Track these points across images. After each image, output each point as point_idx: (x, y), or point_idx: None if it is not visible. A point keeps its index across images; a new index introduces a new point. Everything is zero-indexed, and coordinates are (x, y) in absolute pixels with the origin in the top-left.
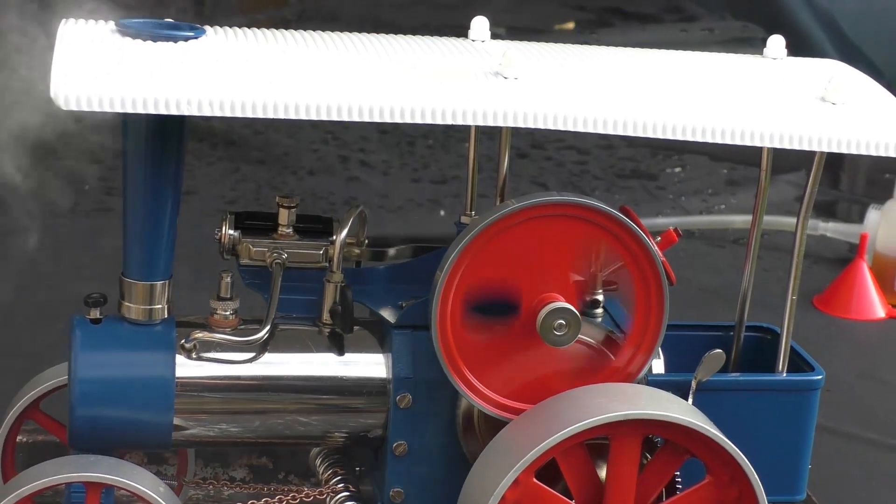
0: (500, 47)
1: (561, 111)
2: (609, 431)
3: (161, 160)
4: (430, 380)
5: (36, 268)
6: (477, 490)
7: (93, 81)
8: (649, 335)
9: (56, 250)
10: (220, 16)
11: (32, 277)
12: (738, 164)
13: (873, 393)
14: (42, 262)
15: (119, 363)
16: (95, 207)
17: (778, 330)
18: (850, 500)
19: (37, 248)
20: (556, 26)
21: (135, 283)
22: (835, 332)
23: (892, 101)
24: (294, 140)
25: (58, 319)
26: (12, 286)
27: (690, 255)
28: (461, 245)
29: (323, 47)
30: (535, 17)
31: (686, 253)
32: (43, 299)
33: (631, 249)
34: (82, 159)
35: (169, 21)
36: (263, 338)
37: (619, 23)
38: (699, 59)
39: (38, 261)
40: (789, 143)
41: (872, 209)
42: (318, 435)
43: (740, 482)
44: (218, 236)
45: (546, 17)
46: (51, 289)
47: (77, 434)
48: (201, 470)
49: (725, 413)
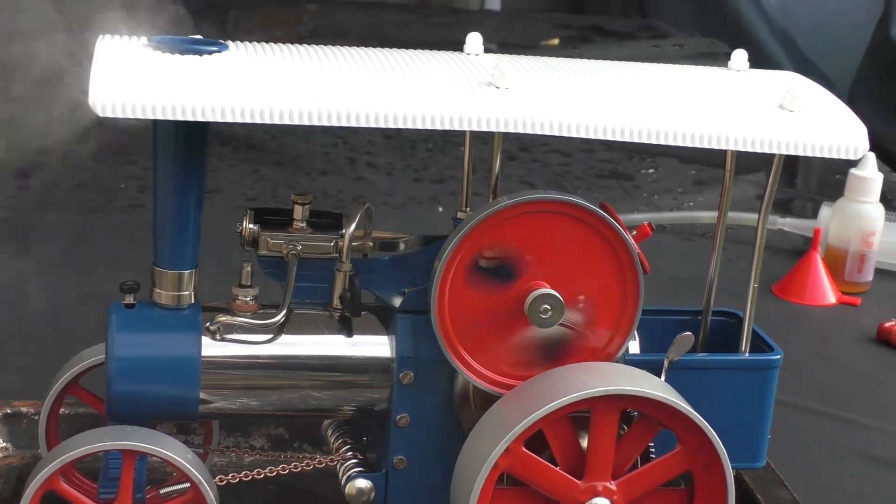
0: (492, 60)
1: (547, 118)
2: (590, 405)
3: (187, 161)
4: (429, 359)
5: (77, 258)
6: (472, 458)
7: (127, 91)
8: (626, 319)
9: (95, 242)
10: (241, 33)
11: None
12: (705, 166)
13: (825, 371)
14: (82, 253)
15: (151, 344)
16: (129, 204)
17: (741, 314)
18: (804, 466)
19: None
20: (543, 42)
21: (164, 271)
22: (791, 317)
23: (843, 108)
24: (307, 144)
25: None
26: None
27: (662, 247)
28: (457, 238)
29: (334, 60)
30: (523, 33)
31: (658, 245)
32: (82, 286)
33: (610, 242)
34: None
35: (195, 37)
36: (280, 321)
37: (599, 39)
38: (670, 72)
39: (79, 251)
40: (751, 146)
41: (825, 206)
42: (329, 408)
43: (707, 451)
44: (239, 230)
45: (533, 34)
46: (89, 276)
47: (114, 407)
48: (224, 439)
49: (694, 389)
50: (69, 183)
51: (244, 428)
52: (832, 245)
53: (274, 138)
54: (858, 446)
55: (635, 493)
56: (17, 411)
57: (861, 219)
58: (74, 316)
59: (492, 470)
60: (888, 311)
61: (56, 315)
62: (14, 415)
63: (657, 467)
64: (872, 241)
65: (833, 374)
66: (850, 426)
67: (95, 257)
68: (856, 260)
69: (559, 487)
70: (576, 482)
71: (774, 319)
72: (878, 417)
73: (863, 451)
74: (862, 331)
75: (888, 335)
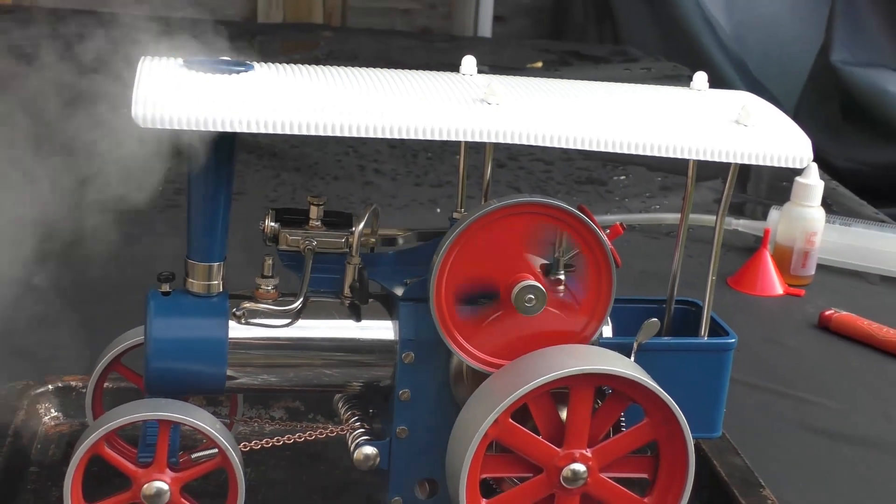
0: (485, 80)
1: (533, 131)
2: (569, 383)
3: (217, 166)
4: (428, 341)
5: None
6: (466, 428)
7: (165, 105)
8: (600, 306)
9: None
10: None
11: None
12: (669, 173)
13: (773, 353)
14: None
15: (184, 327)
16: (167, 204)
17: (700, 303)
18: (755, 436)
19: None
20: (528, 65)
21: (196, 263)
22: (744, 306)
23: (790, 123)
24: (322, 152)
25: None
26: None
27: (632, 244)
28: (453, 235)
29: (346, 80)
30: (511, 57)
31: (628, 243)
32: (123, 276)
33: (586, 239)
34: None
35: (225, 58)
36: (298, 308)
37: (577, 63)
38: (639, 91)
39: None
40: (710, 156)
41: (773, 209)
42: (339, 384)
43: (671, 423)
44: (262, 227)
45: (520, 57)
46: (131, 267)
47: (151, 382)
48: (248, 411)
49: (660, 368)
50: (116, 188)
51: (265, 401)
52: (780, 243)
53: (293, 147)
54: (801, 419)
55: (608, 459)
56: (67, 385)
57: (805, 221)
58: (117, 301)
59: (483, 439)
60: (828, 301)
61: (101, 301)
62: (64, 388)
63: (627, 437)
64: (815, 240)
65: (780, 356)
66: (794, 401)
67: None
68: (800, 256)
69: (541, 454)
70: (556, 449)
71: (729, 308)
72: (819, 394)
73: (805, 423)
74: (805, 318)
75: (828, 322)
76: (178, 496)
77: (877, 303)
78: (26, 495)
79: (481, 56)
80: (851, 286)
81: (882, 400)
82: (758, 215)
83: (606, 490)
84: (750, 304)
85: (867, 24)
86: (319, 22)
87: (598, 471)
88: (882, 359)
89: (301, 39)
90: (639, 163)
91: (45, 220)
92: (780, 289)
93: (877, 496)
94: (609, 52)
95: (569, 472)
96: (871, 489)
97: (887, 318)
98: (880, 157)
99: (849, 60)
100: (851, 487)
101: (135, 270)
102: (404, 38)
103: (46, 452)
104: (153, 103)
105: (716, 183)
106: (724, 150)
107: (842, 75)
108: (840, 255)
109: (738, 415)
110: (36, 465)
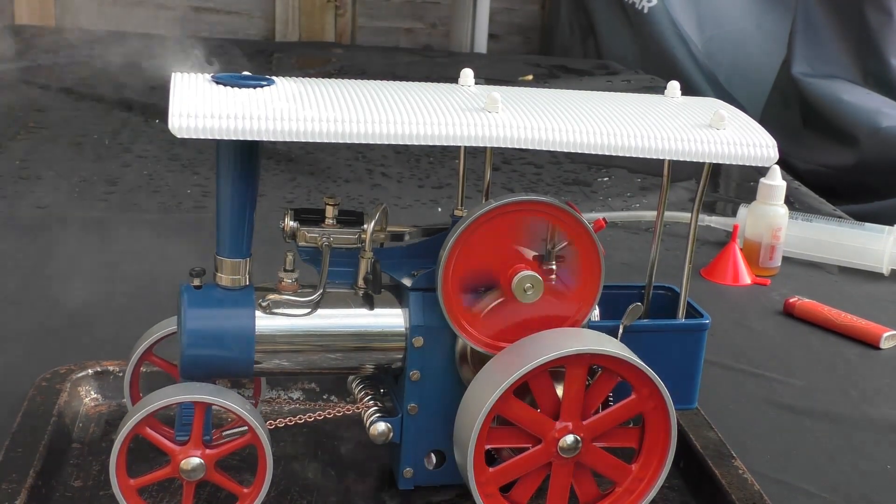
0: (482, 91)
1: (528, 136)
2: (565, 362)
3: (243, 171)
4: (436, 327)
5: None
6: (472, 404)
7: (198, 117)
8: (590, 293)
9: (168, 237)
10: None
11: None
12: (647, 175)
13: (742, 336)
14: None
15: (215, 317)
16: (195, 206)
17: (677, 289)
18: (726, 412)
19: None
20: (520, 78)
21: (225, 259)
22: (716, 294)
23: (758, 127)
24: (334, 157)
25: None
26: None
27: (615, 239)
28: (458, 231)
29: (357, 92)
30: (505, 71)
31: (612, 238)
32: (158, 271)
33: (576, 232)
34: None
35: (248, 74)
36: (317, 299)
37: (564, 75)
38: (620, 100)
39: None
40: (685, 156)
41: (742, 207)
42: (354, 366)
43: (655, 396)
44: (282, 226)
45: (512, 71)
46: (164, 262)
47: (186, 367)
48: (268, 392)
49: (644, 348)
50: (147, 189)
51: (283, 383)
52: (748, 238)
53: (308, 153)
54: (768, 396)
55: (599, 431)
56: (105, 369)
57: (770, 217)
58: (151, 294)
59: (489, 413)
60: (792, 289)
61: (136, 294)
62: (103, 372)
63: (616, 411)
64: (780, 234)
65: (749, 339)
66: (762, 380)
67: (168, 248)
68: (767, 250)
69: (540, 426)
70: (553, 422)
71: (703, 296)
72: (784, 373)
73: (772, 399)
74: (771, 305)
75: (792, 309)
76: (212, 470)
77: (836, 291)
78: (69, 469)
79: (477, 70)
80: (813, 276)
81: (840, 378)
82: (728, 213)
83: (598, 458)
84: (721, 293)
85: (825, 41)
86: (331, 40)
87: (590, 441)
88: (840, 342)
89: (315, 56)
90: (621, 165)
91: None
92: (749, 279)
93: (837, 464)
94: (593, 66)
95: (564, 442)
96: (830, 458)
97: (845, 305)
98: (837, 159)
99: (808, 73)
100: (813, 457)
101: (167, 266)
102: (408, 55)
103: (87, 430)
104: (187, 115)
105: (690, 183)
106: (698, 150)
107: (802, 86)
108: (802, 248)
109: (712, 392)
110: (77, 442)
